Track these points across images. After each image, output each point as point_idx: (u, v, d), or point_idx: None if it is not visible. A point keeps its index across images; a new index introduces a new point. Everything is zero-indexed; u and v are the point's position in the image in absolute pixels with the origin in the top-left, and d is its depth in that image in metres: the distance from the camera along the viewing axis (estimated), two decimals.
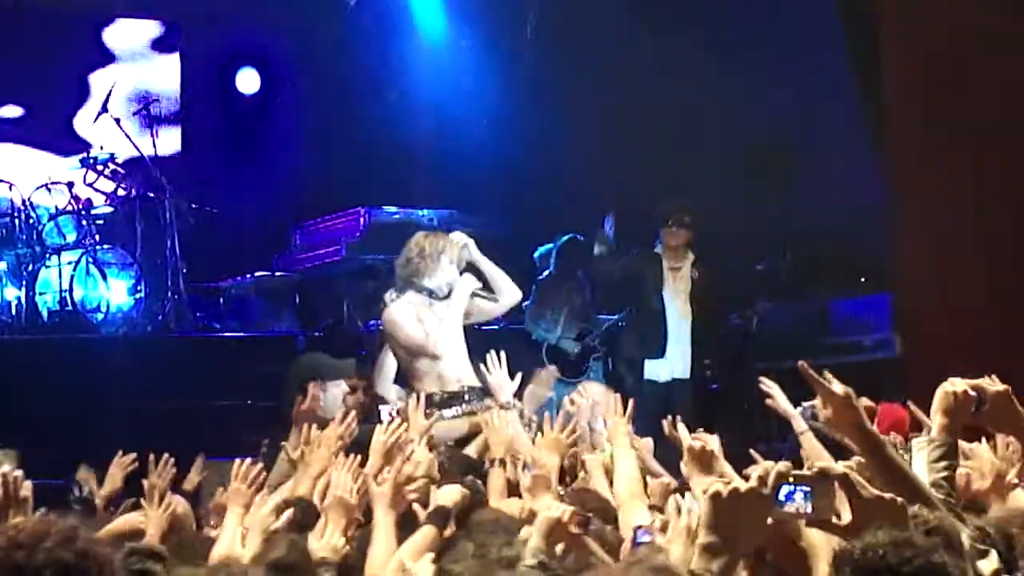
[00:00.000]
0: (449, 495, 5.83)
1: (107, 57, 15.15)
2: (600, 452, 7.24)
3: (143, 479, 7.14)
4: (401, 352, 9.06)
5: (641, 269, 12.22)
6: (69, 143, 14.45)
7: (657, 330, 12.07)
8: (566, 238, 12.91)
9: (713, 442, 5.49)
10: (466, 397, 8.81)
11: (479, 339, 9.50)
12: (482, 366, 8.53)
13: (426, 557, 4.96)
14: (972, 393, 4.27)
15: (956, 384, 4.30)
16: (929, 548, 3.15)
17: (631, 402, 7.06)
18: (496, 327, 11.38)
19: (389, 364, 9.69)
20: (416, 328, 8.94)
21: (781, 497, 3.11)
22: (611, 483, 6.49)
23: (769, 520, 3.12)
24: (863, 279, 12.73)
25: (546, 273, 12.95)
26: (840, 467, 3.20)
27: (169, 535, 6.35)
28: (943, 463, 4.16)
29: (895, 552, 3.08)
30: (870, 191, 12.14)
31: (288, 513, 5.61)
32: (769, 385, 7.63)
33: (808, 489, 3.11)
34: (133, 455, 7.60)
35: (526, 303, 12.81)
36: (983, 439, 6.17)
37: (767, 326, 12.67)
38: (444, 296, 9.05)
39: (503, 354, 8.43)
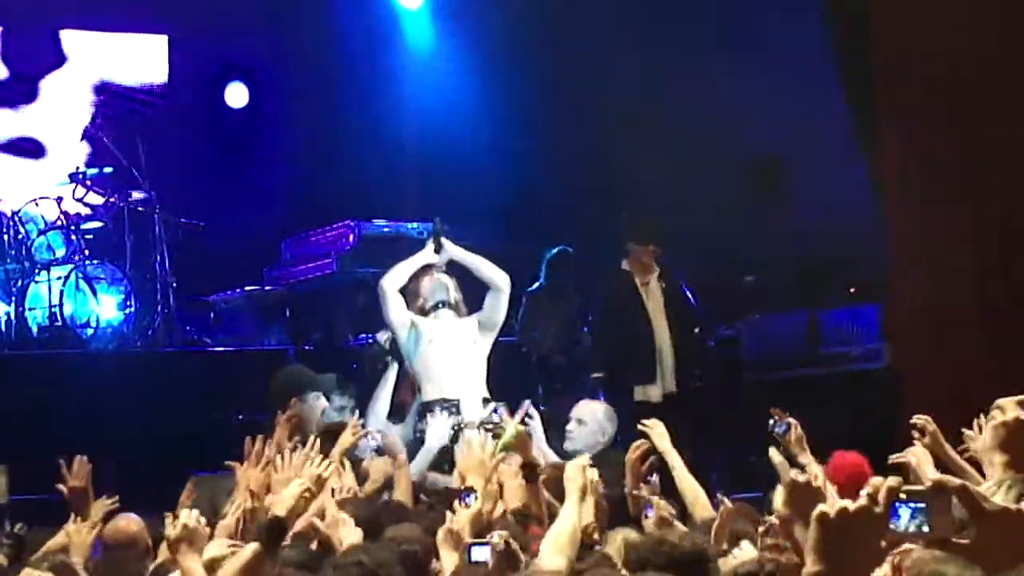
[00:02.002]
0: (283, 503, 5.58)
1: (95, 71, 15.15)
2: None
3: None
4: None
5: (618, 289, 11.97)
6: (58, 157, 14.43)
7: (648, 352, 11.83)
8: (556, 250, 12.91)
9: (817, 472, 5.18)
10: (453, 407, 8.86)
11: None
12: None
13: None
14: None
15: (1008, 410, 3.80)
16: None
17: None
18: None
19: (383, 399, 9.70)
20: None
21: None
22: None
23: (883, 543, 2.75)
24: (852, 290, 12.75)
25: (536, 285, 12.96)
26: (957, 480, 2.86)
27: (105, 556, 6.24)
28: None
29: None
30: (859, 202, 12.17)
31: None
32: (651, 424, 7.69)
33: (920, 505, 2.73)
34: (116, 497, 7.52)
35: (516, 317, 12.84)
36: None
37: (757, 337, 12.68)
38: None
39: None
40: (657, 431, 7.71)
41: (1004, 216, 10.81)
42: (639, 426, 7.93)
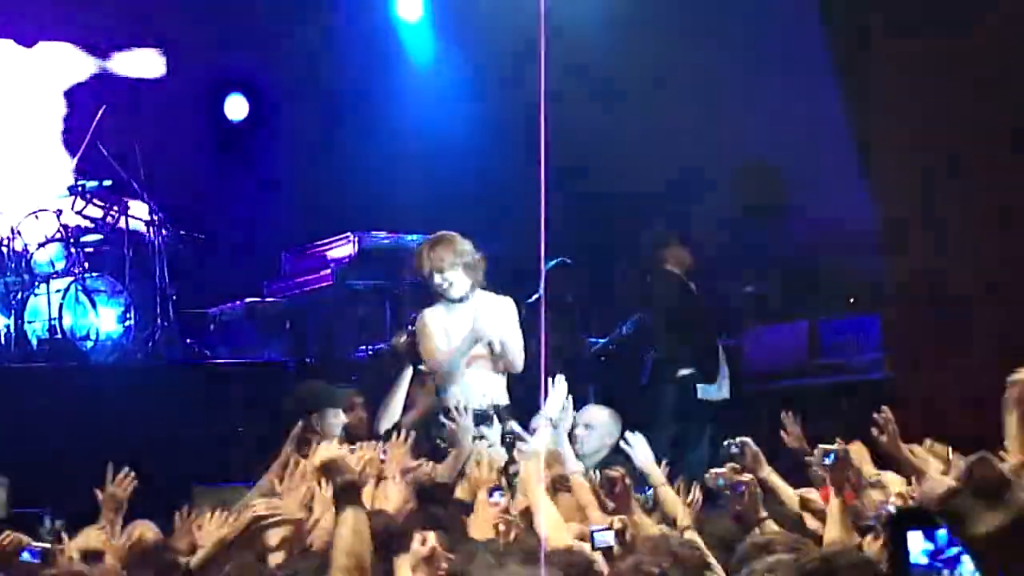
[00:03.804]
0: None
1: (95, 83, 15.14)
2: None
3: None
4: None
5: (671, 287, 12.10)
6: (57, 170, 14.43)
7: (712, 352, 11.99)
8: (554, 262, 12.91)
9: None
10: (491, 414, 8.87)
11: None
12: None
13: None
14: None
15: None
16: None
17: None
18: None
19: (396, 401, 9.69)
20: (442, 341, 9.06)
21: None
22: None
23: None
24: (852, 300, 12.74)
25: (535, 297, 12.95)
26: None
27: (133, 567, 6.27)
28: None
29: None
30: (860, 212, 12.17)
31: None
32: (634, 441, 7.82)
33: None
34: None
35: None
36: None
37: (757, 348, 12.67)
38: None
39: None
40: (638, 448, 7.82)
41: (1007, 225, 10.81)
42: (622, 443, 8.01)
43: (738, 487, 6.88)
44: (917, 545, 1.63)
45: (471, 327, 9.27)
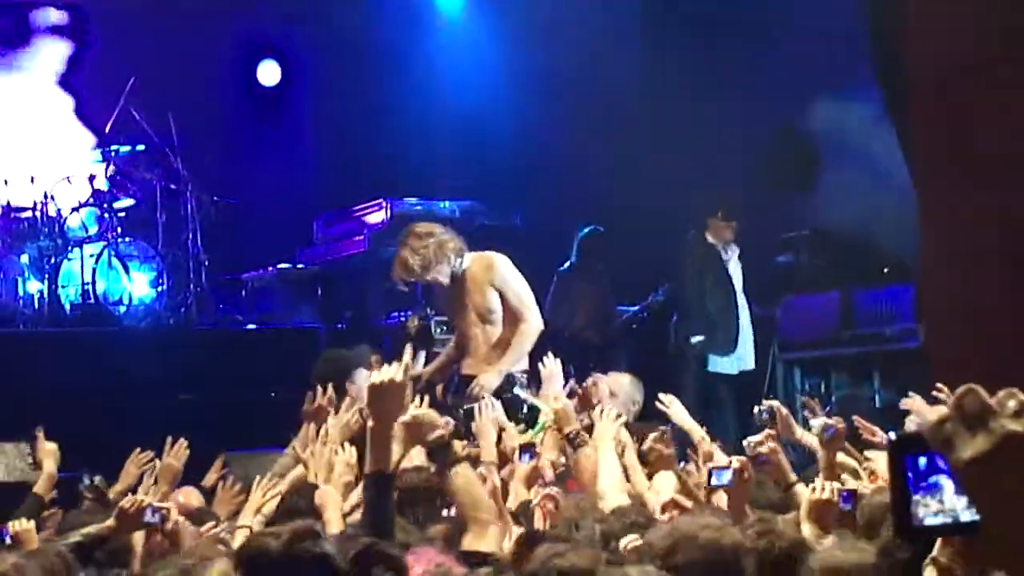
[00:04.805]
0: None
1: (128, 47, 15.14)
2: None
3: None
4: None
5: (703, 257, 12.11)
6: (91, 135, 14.46)
7: (732, 324, 12.00)
8: (587, 230, 12.90)
9: None
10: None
11: None
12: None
13: None
14: None
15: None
16: None
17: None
18: None
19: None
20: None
21: None
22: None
23: None
24: (885, 270, 12.68)
25: (567, 264, 12.94)
26: None
27: None
28: None
29: None
30: (893, 181, 12.09)
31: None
32: (669, 401, 7.84)
33: None
34: (150, 452, 7.60)
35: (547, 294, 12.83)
36: None
37: (790, 318, 12.63)
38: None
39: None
40: (674, 408, 7.86)
41: None
42: (658, 403, 8.04)
43: (760, 457, 6.87)
44: (913, 468, 1.75)
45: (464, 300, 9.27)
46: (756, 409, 7.84)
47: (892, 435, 5.37)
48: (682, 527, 4.22)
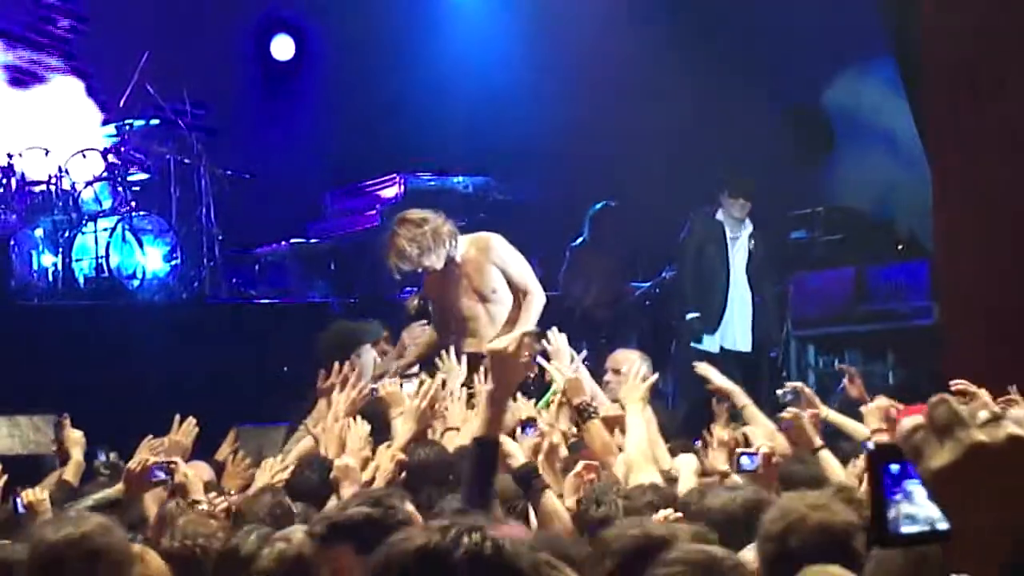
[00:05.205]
0: None
1: (142, 21, 15.13)
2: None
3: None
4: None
5: (705, 234, 12.02)
6: (104, 109, 14.44)
7: (715, 302, 11.92)
8: (600, 205, 12.87)
9: None
10: None
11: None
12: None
13: None
14: None
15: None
16: None
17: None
18: None
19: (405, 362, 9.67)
20: None
21: None
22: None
23: None
24: (900, 246, 12.65)
25: (579, 240, 12.93)
26: None
27: None
28: None
29: None
30: (908, 157, 12.07)
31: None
32: (705, 368, 7.87)
33: None
34: (164, 439, 7.59)
35: (561, 270, 12.83)
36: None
37: (804, 294, 12.60)
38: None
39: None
40: (712, 373, 7.91)
41: None
42: (697, 371, 8.06)
43: (784, 423, 6.90)
44: (890, 477, 1.77)
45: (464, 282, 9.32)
46: (780, 391, 7.91)
47: (871, 444, 5.42)
48: (789, 506, 4.14)
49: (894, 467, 1.77)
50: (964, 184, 10.94)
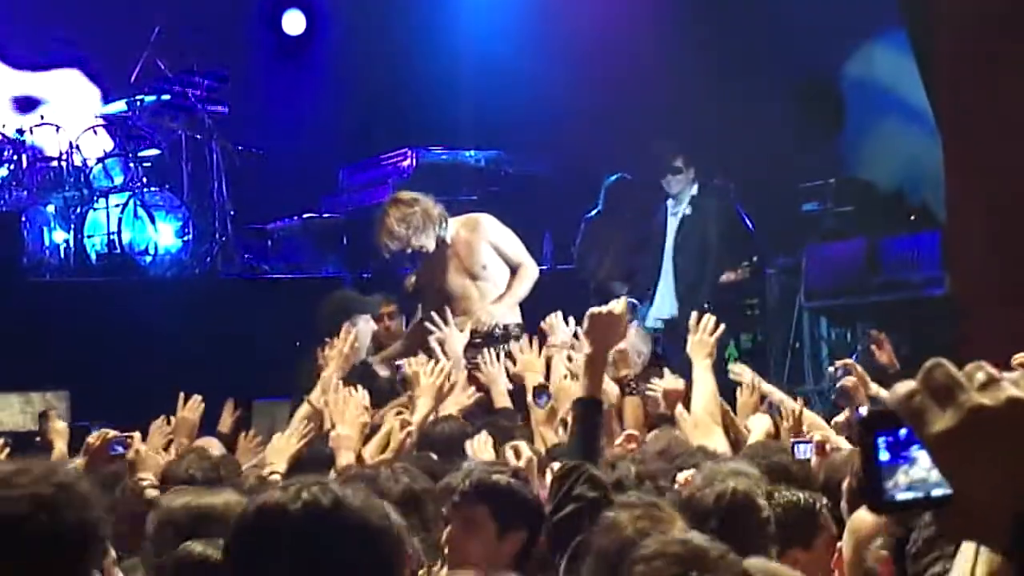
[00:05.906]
0: None
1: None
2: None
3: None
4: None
5: (637, 201, 12.17)
6: (116, 85, 14.44)
7: (647, 276, 12.02)
8: (614, 177, 12.84)
9: None
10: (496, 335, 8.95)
11: None
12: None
13: None
14: None
15: None
16: None
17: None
18: (544, 267, 11.35)
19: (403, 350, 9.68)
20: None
21: None
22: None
23: None
24: (912, 217, 12.61)
25: (594, 212, 12.91)
26: None
27: None
28: None
29: None
30: (920, 128, 12.02)
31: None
32: (740, 371, 7.78)
33: None
34: (172, 418, 7.60)
35: (575, 243, 12.81)
36: None
37: (816, 265, 12.56)
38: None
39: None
40: (746, 375, 7.85)
41: None
42: (732, 376, 8.02)
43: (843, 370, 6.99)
44: (884, 444, 1.74)
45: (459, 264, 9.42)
46: (831, 368, 7.89)
47: (863, 411, 5.44)
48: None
49: (890, 434, 1.74)
50: (976, 154, 10.91)
